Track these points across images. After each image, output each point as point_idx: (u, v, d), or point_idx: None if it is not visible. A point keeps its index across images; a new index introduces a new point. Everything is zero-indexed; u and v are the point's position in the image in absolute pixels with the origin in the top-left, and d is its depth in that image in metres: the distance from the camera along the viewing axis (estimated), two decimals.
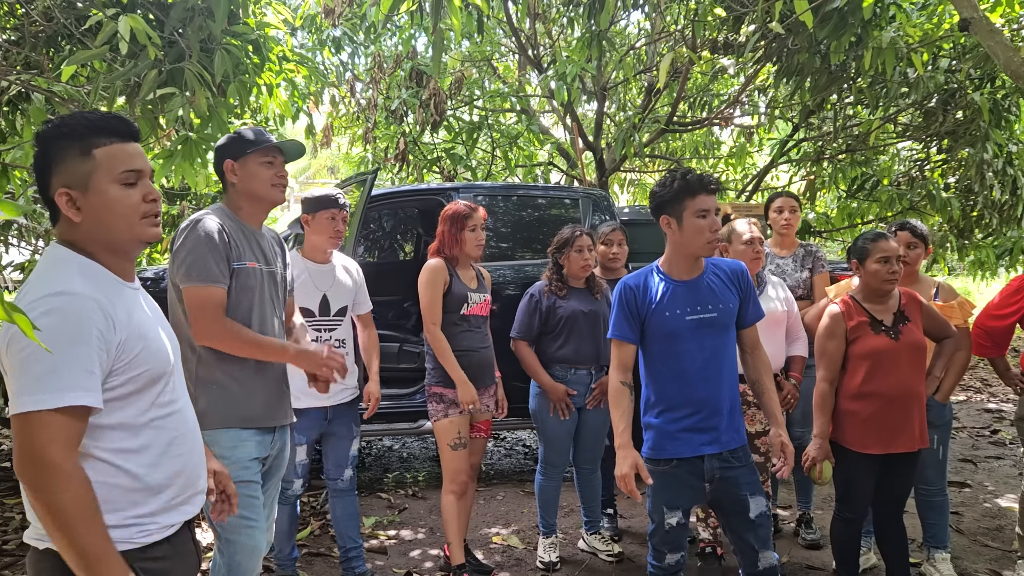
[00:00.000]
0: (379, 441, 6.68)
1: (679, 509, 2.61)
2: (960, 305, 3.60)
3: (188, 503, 1.66)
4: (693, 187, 2.55)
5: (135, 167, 1.58)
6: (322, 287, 3.40)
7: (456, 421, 3.47)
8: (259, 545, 2.39)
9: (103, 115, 1.59)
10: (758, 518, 2.59)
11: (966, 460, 5.85)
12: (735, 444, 2.61)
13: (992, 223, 7.59)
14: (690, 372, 2.57)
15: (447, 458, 3.51)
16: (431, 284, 3.46)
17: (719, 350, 2.60)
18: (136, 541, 1.53)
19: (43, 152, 1.55)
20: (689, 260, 2.64)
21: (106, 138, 1.56)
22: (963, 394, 8.63)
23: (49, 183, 1.54)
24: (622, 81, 9.20)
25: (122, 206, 1.55)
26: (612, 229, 4.12)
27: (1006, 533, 4.30)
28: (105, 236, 1.55)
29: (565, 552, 3.98)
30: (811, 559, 3.92)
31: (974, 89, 6.64)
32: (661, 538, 2.63)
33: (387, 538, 4.22)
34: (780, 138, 9.12)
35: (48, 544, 1.46)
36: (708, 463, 2.57)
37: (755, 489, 2.61)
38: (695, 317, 2.58)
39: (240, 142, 2.48)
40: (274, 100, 4.68)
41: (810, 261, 4.19)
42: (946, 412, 3.56)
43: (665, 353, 2.60)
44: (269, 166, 2.50)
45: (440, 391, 3.49)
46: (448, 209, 3.58)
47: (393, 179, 9.07)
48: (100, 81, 3.51)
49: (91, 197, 1.53)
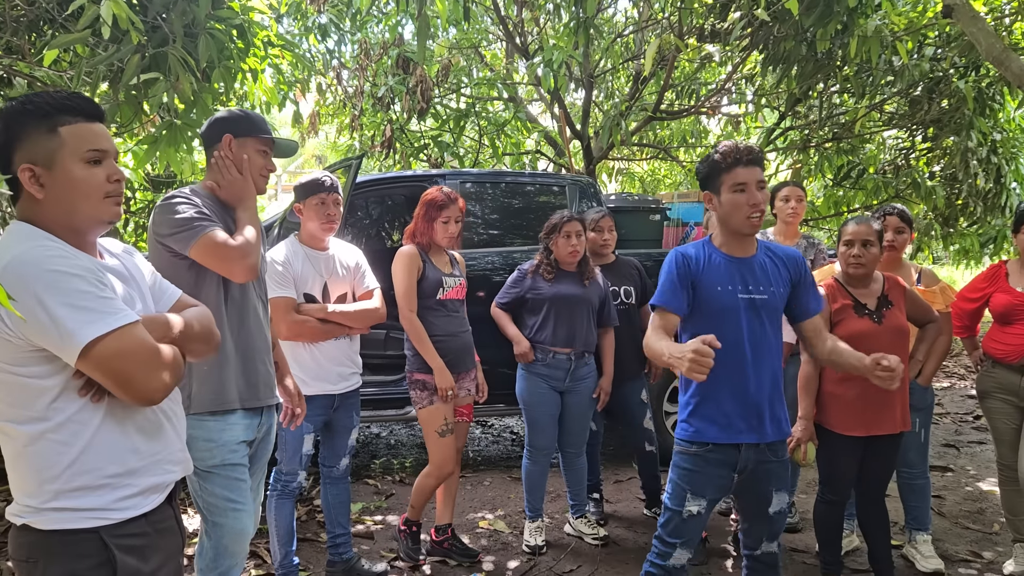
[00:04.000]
0: (366, 428, 6.68)
1: (704, 498, 2.46)
2: (942, 290, 3.64)
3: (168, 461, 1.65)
4: (728, 160, 2.43)
5: (100, 147, 1.58)
6: (324, 274, 3.30)
7: (441, 408, 3.47)
8: (246, 528, 2.39)
9: (69, 94, 1.59)
10: (776, 514, 2.52)
11: (949, 445, 5.92)
12: (774, 437, 2.48)
13: (976, 211, 7.66)
14: (736, 355, 2.42)
15: (435, 446, 3.51)
16: (405, 271, 3.46)
17: (766, 336, 2.46)
18: (110, 517, 1.51)
19: (6, 128, 1.54)
20: (737, 237, 2.49)
21: (72, 117, 1.55)
22: (947, 380, 8.72)
23: (12, 159, 1.54)
24: (609, 69, 9.20)
25: (86, 185, 1.55)
26: (602, 216, 4.14)
27: (987, 516, 4.36)
28: (67, 214, 1.54)
29: (551, 536, 4.01)
30: (795, 542, 3.97)
31: (959, 77, 6.68)
32: (675, 527, 2.49)
33: (374, 523, 4.23)
34: (767, 126, 9.14)
35: (24, 520, 1.47)
36: (744, 453, 2.44)
37: (783, 486, 2.52)
38: (747, 296, 2.45)
39: (245, 122, 2.46)
40: (259, 86, 4.65)
41: (812, 253, 4.17)
42: (928, 396, 3.60)
43: (716, 331, 2.29)
44: (264, 155, 2.49)
45: (421, 378, 3.48)
46: (427, 194, 3.55)
47: (380, 167, 9.04)
48: (83, 66, 3.48)
49: (56, 174, 1.53)
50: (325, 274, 3.29)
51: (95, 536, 1.49)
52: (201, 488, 2.35)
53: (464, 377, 3.61)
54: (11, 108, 1.56)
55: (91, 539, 1.49)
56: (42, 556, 1.46)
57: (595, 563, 3.70)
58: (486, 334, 3.91)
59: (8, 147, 1.54)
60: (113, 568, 1.50)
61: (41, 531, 1.47)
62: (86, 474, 1.49)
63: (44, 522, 1.46)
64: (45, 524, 1.46)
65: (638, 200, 5.94)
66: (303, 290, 3.22)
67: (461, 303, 3.64)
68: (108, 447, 1.52)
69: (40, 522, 1.46)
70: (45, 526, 1.46)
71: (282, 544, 3.27)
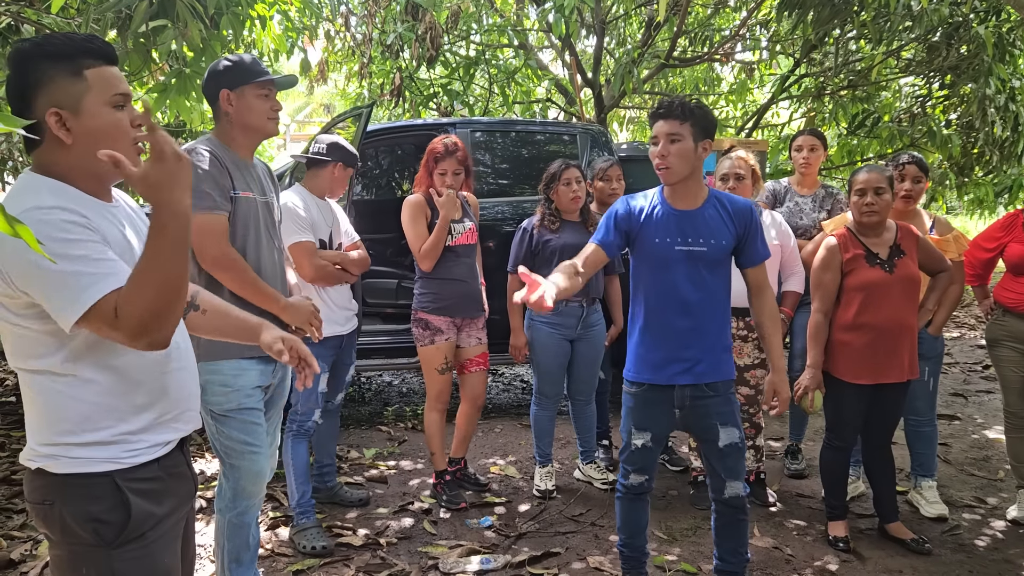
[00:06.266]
0: (379, 376, 6.77)
1: (647, 432, 2.66)
2: (956, 239, 3.62)
3: (179, 420, 1.63)
4: (651, 115, 2.60)
5: (124, 91, 1.53)
6: (329, 221, 3.49)
7: (443, 347, 3.61)
8: (263, 470, 2.45)
9: (87, 36, 1.52)
10: (727, 448, 2.62)
11: (957, 394, 5.95)
12: (712, 379, 2.60)
13: (992, 160, 7.57)
14: (675, 303, 2.56)
15: (433, 380, 3.66)
16: (414, 220, 3.58)
17: (708, 285, 2.57)
18: (123, 461, 1.51)
19: (25, 71, 1.47)
20: (679, 189, 2.61)
21: (94, 60, 1.50)
22: (957, 331, 8.72)
23: (33, 104, 1.46)
24: (622, 15, 9.04)
25: (115, 130, 1.50)
26: (610, 164, 4.11)
27: (993, 463, 4.41)
28: (93, 160, 1.44)
29: (561, 481, 4.08)
30: (801, 488, 4.02)
31: (979, 22, 6.55)
32: (628, 457, 2.72)
33: (387, 468, 4.32)
34: (781, 74, 9.00)
35: (39, 464, 1.48)
36: (679, 391, 2.60)
37: (728, 420, 2.62)
38: (684, 248, 2.55)
39: (237, 72, 2.44)
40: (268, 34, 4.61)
41: (829, 203, 4.14)
42: (938, 344, 3.61)
43: (654, 280, 2.59)
44: (265, 99, 2.47)
45: (425, 317, 3.60)
46: (431, 144, 3.63)
47: (390, 115, 8.97)
48: (90, 12, 3.45)
49: (84, 119, 1.47)
50: (329, 222, 3.49)
51: (109, 480, 1.49)
52: (218, 431, 2.40)
53: (471, 324, 3.69)
54: (27, 50, 1.48)
55: (105, 482, 1.49)
56: (57, 498, 1.47)
57: (604, 507, 3.77)
58: (493, 284, 3.93)
59: (29, 90, 1.47)
60: (128, 511, 1.50)
61: (56, 474, 1.47)
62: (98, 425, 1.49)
63: (58, 466, 1.47)
64: (59, 468, 1.47)
65: None
66: (317, 236, 3.38)
67: (472, 248, 3.69)
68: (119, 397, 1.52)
69: (54, 466, 1.47)
70: (59, 470, 1.47)
71: (299, 483, 3.39)
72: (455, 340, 3.67)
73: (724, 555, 2.75)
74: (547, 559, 3.24)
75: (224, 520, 2.50)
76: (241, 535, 2.50)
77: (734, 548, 2.73)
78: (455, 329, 3.65)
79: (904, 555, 3.26)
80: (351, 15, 8.58)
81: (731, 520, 2.72)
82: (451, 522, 3.61)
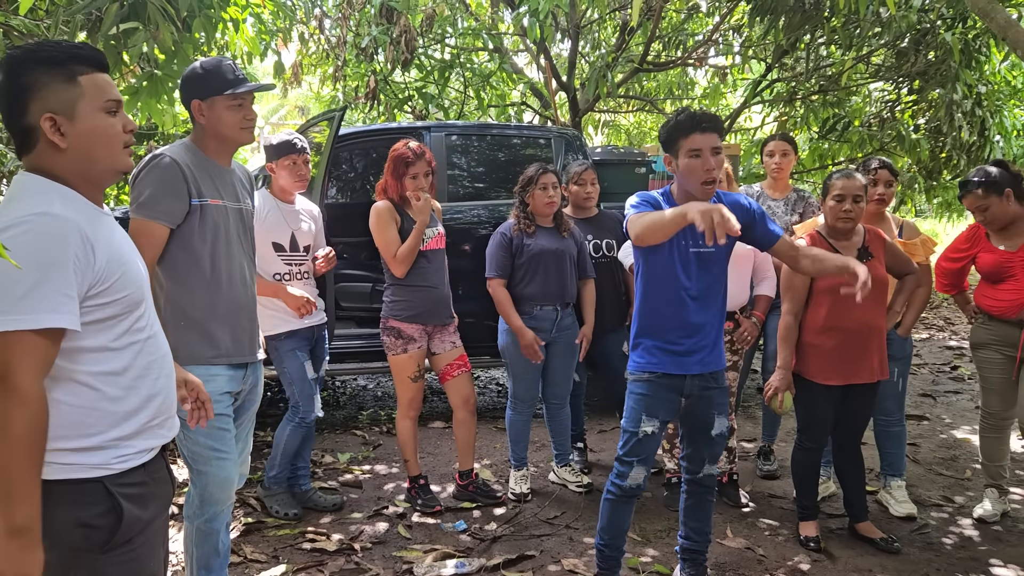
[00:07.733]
0: (353, 380, 6.74)
1: (656, 419, 2.72)
2: (923, 243, 3.67)
3: (163, 427, 1.67)
4: (684, 126, 2.56)
5: (116, 97, 1.58)
6: (292, 225, 3.53)
7: (415, 355, 3.60)
8: (230, 476, 2.43)
9: (77, 43, 1.58)
10: (717, 436, 2.80)
11: (926, 395, 6.04)
12: (716, 367, 2.75)
13: (960, 164, 7.70)
14: (687, 300, 2.66)
15: (405, 388, 3.66)
16: (384, 225, 3.53)
17: (715, 281, 2.69)
18: (114, 467, 1.54)
19: (17, 76, 1.51)
20: (692, 198, 2.59)
21: (86, 66, 1.55)
22: (926, 332, 8.85)
23: (26, 109, 1.50)
24: (596, 19, 9.09)
25: (108, 135, 1.55)
26: (584, 168, 4.12)
27: (960, 463, 4.47)
28: (86, 164, 1.54)
29: (536, 484, 4.08)
30: (773, 488, 4.06)
31: (946, 29, 6.66)
32: (632, 447, 2.73)
33: (362, 472, 4.30)
34: (753, 78, 9.09)
35: None
36: (690, 381, 2.71)
37: (723, 410, 2.79)
38: (696, 251, 2.64)
39: (208, 81, 2.39)
40: (241, 36, 4.58)
41: (801, 206, 4.20)
42: (907, 346, 3.66)
43: (666, 278, 2.66)
44: (238, 108, 2.42)
45: (397, 325, 3.58)
46: (394, 149, 3.57)
47: (364, 119, 8.95)
48: (60, 14, 3.42)
49: (77, 124, 1.52)
50: (292, 225, 3.53)
51: (99, 485, 1.52)
52: (185, 437, 2.38)
53: (443, 331, 3.68)
54: (19, 56, 1.52)
55: (96, 488, 1.51)
56: (50, 504, 1.47)
57: (579, 510, 3.78)
58: (470, 287, 3.92)
59: (21, 96, 1.51)
60: (120, 516, 1.53)
61: (47, 480, 1.47)
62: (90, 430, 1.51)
63: (50, 472, 1.47)
64: (51, 474, 1.47)
65: (624, 153, 5.93)
66: (272, 239, 3.45)
67: (442, 254, 3.68)
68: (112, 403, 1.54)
69: (46, 472, 1.47)
70: (51, 476, 1.47)
71: (283, 461, 3.54)
72: (427, 347, 3.66)
73: (690, 534, 2.92)
74: (522, 562, 3.24)
75: (192, 527, 2.47)
76: (210, 542, 2.48)
77: (700, 528, 2.90)
78: (426, 336, 3.65)
79: (874, 554, 3.30)
80: (325, 17, 8.55)
81: (700, 500, 2.87)
82: (426, 526, 3.60)
